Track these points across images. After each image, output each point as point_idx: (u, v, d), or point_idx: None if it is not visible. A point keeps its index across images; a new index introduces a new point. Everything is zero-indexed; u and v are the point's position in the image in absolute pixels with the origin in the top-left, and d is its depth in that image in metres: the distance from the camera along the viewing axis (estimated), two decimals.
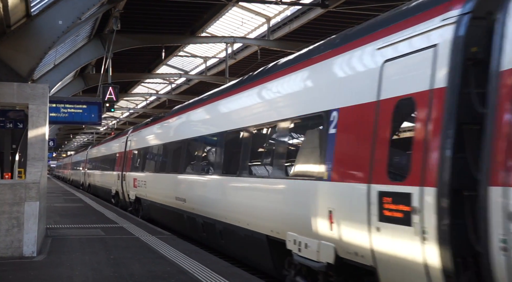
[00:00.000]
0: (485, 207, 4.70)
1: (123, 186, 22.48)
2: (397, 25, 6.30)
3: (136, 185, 19.70)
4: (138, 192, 19.41)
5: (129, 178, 21.24)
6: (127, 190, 21.65)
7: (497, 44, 4.92)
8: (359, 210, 6.08)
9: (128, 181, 21.33)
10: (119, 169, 23.73)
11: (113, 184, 25.24)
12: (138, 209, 19.91)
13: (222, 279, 8.12)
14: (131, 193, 20.66)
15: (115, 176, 24.57)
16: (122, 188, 22.81)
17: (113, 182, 25.11)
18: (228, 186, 10.75)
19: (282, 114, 8.53)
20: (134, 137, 21.66)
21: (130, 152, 21.92)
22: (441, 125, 5.20)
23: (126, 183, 21.70)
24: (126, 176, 21.76)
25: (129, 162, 21.75)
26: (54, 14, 12.12)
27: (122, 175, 22.64)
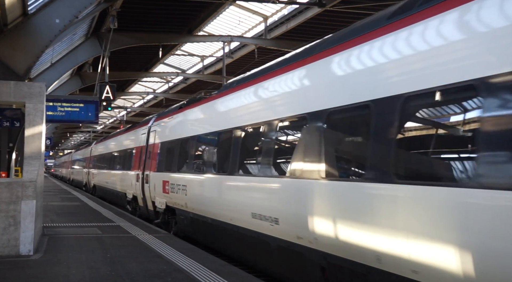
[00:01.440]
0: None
1: (144, 190, 17.54)
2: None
3: (167, 190, 14.47)
4: (172, 200, 14.26)
5: (154, 180, 16.13)
6: (151, 195, 16.55)
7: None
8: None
9: (154, 184, 16.21)
10: (137, 168, 18.85)
11: (128, 187, 20.47)
12: (169, 222, 15.14)
13: (219, 277, 8.14)
14: (159, 200, 15.46)
15: (132, 177, 19.68)
16: (143, 193, 17.82)
17: (129, 184, 20.27)
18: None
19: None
20: (162, 127, 16.59)
21: (155, 146, 16.74)
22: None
23: (150, 187, 16.65)
24: (150, 177, 16.70)
25: (153, 159, 16.64)
26: (51, 12, 12.13)
27: (143, 176, 17.70)
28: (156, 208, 15.94)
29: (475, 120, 4.69)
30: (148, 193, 16.89)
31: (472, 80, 4.60)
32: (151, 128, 17.84)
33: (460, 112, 5.02)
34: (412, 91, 5.29)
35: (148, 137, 17.96)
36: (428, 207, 5.00)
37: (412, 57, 5.45)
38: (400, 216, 5.30)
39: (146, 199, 17.34)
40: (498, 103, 4.39)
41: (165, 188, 14.76)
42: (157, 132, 16.90)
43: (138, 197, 18.49)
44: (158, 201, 15.66)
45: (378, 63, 5.99)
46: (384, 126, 5.61)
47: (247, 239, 9.51)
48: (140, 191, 18.08)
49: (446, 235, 4.75)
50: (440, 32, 5.16)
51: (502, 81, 4.33)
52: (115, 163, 24.98)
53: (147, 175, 17.09)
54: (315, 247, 6.91)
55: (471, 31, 4.79)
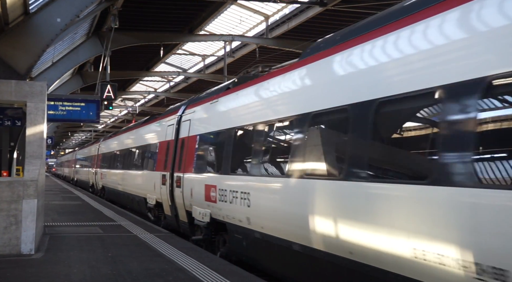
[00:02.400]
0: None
1: (174, 195, 13.95)
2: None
3: (213, 198, 10.90)
4: (221, 212, 10.60)
5: (191, 184, 12.55)
6: (185, 203, 13.05)
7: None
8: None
9: (190, 189, 12.54)
10: (162, 168, 15.27)
11: (150, 191, 16.70)
12: (213, 241, 11.66)
13: (220, 277, 8.14)
14: (199, 210, 11.78)
15: (155, 179, 15.96)
16: (171, 199, 14.18)
17: (151, 188, 16.56)
18: None
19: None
20: (200, 115, 12.83)
21: (190, 139, 13.09)
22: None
23: (184, 192, 12.99)
24: (185, 180, 13.02)
25: (189, 156, 13.03)
26: (52, 11, 12.13)
27: (173, 178, 14.11)
28: (194, 220, 12.17)
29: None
30: (181, 200, 13.17)
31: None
32: (183, 118, 14.14)
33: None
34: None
35: (178, 129, 14.33)
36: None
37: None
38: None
39: (177, 208, 13.74)
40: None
41: (209, 194, 11.07)
42: (193, 122, 13.10)
43: (164, 204, 14.96)
44: (197, 211, 11.90)
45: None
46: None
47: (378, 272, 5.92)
48: (167, 197, 14.37)
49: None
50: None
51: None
52: (130, 161, 21.24)
53: (179, 177, 13.35)
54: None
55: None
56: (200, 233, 12.20)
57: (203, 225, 11.67)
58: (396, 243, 5.51)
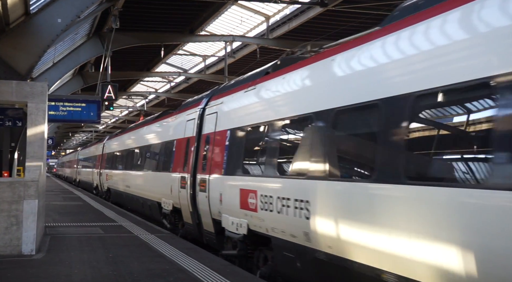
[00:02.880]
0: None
1: (197, 200, 12.05)
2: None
3: (252, 205, 8.99)
4: (263, 223, 8.72)
5: (221, 188, 10.65)
6: (211, 210, 11.11)
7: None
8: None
9: (219, 194, 10.66)
10: (181, 168, 13.46)
11: (165, 194, 14.87)
12: (250, 257, 9.78)
13: (220, 277, 8.13)
14: (232, 219, 9.93)
15: (172, 181, 14.13)
16: (193, 205, 12.33)
17: (166, 191, 14.65)
18: None
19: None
20: (230, 106, 10.94)
21: (217, 135, 11.24)
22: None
23: (211, 197, 11.10)
24: (211, 182, 11.16)
25: (216, 155, 11.15)
26: (53, 12, 12.13)
27: (194, 180, 12.29)
28: (225, 231, 10.33)
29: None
30: (206, 206, 11.32)
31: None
32: (207, 111, 12.22)
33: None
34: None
35: (201, 124, 12.44)
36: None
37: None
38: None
39: (201, 215, 11.87)
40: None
41: (246, 201, 9.20)
42: (221, 115, 11.20)
43: (184, 210, 13.15)
44: (228, 221, 10.09)
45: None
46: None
47: None
48: (187, 202, 12.60)
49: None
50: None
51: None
52: (141, 161, 19.39)
53: (204, 179, 11.52)
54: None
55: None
56: (231, 246, 10.21)
57: (237, 238, 9.66)
58: None
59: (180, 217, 13.90)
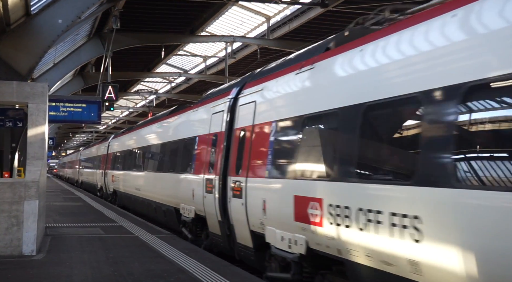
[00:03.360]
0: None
1: (229, 209, 10.07)
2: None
3: (312, 217, 7.19)
4: (334, 242, 6.75)
5: (263, 194, 8.75)
6: (249, 220, 9.22)
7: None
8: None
9: (262, 201, 8.66)
10: (206, 170, 11.60)
11: (185, 199, 13.02)
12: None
13: (221, 278, 8.14)
14: (284, 234, 7.97)
15: (194, 184, 12.31)
16: (222, 214, 10.47)
17: (186, 196, 12.84)
18: None
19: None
20: (276, 91, 8.96)
21: (258, 129, 9.27)
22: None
23: (248, 205, 9.22)
24: (248, 187, 9.29)
25: (256, 154, 9.21)
26: (54, 13, 12.14)
27: (225, 184, 10.39)
28: (271, 248, 8.30)
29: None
30: (242, 215, 9.37)
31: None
32: (241, 101, 10.23)
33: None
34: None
35: (232, 116, 10.54)
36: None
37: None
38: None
39: (235, 226, 9.95)
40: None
41: (304, 212, 7.28)
42: (261, 105, 9.26)
43: (210, 219, 11.25)
44: (276, 235, 8.13)
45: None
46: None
47: None
48: (215, 209, 10.71)
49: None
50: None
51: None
52: (153, 161, 17.74)
53: (240, 182, 9.54)
54: None
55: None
56: (278, 267, 8.45)
57: (291, 258, 7.68)
58: None
59: (204, 226, 11.99)
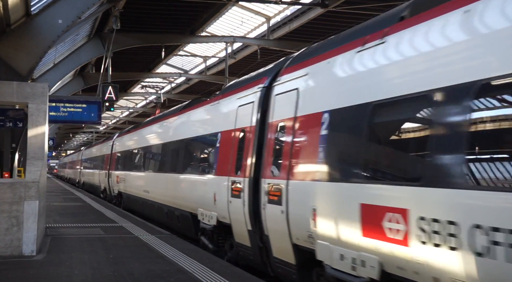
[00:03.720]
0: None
1: (264, 217, 8.59)
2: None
3: (391, 233, 5.56)
4: (425, 268, 5.13)
5: (309, 200, 7.20)
6: (291, 231, 7.75)
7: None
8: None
9: (309, 208, 7.15)
10: (231, 171, 10.10)
11: (205, 204, 11.49)
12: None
13: (221, 278, 8.13)
14: (345, 252, 6.39)
15: (216, 187, 10.87)
16: (252, 221, 9.07)
17: (206, 200, 11.33)
18: None
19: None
20: (328, 75, 7.39)
21: (303, 121, 7.77)
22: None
23: (288, 212, 7.76)
24: (293, 191, 7.68)
25: (299, 151, 7.73)
26: (54, 13, 12.14)
27: (257, 187, 8.91)
28: (327, 268, 6.82)
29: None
30: (282, 225, 7.88)
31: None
32: (277, 89, 8.73)
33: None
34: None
35: (265, 107, 9.07)
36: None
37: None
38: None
39: (270, 236, 8.47)
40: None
41: (378, 225, 5.79)
42: (306, 92, 7.81)
43: (236, 227, 9.76)
44: (333, 253, 6.62)
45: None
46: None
47: None
48: (244, 216, 9.21)
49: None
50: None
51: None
52: (166, 161, 16.06)
53: (278, 186, 8.05)
54: None
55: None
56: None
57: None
58: None
59: (228, 235, 10.56)
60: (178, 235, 14.03)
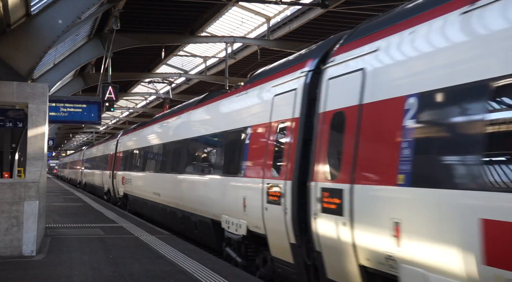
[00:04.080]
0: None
1: (315, 230, 7.02)
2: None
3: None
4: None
5: (389, 210, 5.57)
6: (356, 250, 6.14)
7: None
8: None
9: (389, 222, 5.52)
10: (267, 172, 8.73)
11: (231, 211, 10.20)
12: None
13: (221, 279, 8.13)
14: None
15: (245, 191, 9.56)
16: (295, 234, 7.68)
17: (233, 206, 10.06)
18: None
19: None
20: (416, 49, 5.67)
21: (378, 109, 6.07)
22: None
23: (353, 226, 6.17)
24: (360, 200, 6.11)
25: (370, 149, 6.17)
26: (54, 13, 12.13)
27: (306, 193, 7.34)
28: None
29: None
30: (346, 242, 6.36)
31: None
32: (329, 72, 7.24)
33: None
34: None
35: (310, 96, 7.82)
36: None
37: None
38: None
39: (323, 253, 6.97)
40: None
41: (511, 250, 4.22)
42: (377, 74, 6.22)
43: (274, 238, 8.40)
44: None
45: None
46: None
47: None
48: (286, 227, 7.84)
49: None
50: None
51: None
52: (181, 160, 14.29)
53: (336, 191, 6.57)
54: None
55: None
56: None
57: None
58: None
59: (261, 247, 9.25)
60: (178, 235, 14.03)
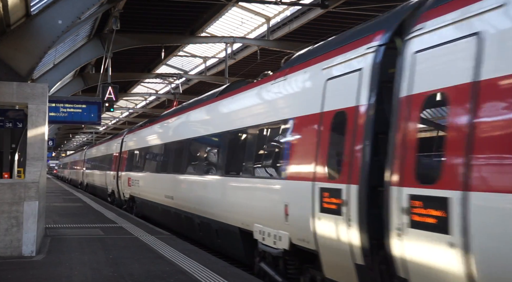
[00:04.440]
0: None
1: (404, 255, 5.31)
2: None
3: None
4: None
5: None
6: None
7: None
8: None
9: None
10: (320, 174, 7.10)
11: (267, 219, 8.67)
12: None
13: (221, 279, 8.13)
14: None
15: (290, 196, 7.87)
16: (364, 250, 6.07)
17: (270, 214, 8.53)
18: None
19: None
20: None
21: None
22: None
23: (471, 256, 4.50)
24: (477, 219, 4.47)
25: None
26: (54, 13, 12.13)
27: (367, 200, 6.06)
28: None
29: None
30: (457, 269, 4.69)
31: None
32: (414, 45, 5.60)
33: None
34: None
35: (382, 78, 6.24)
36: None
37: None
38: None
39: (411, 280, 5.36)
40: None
41: None
42: (502, 42, 4.52)
43: (330, 256, 6.91)
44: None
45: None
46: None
47: None
48: (349, 244, 6.34)
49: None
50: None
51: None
52: (200, 160, 13.05)
53: (435, 201, 4.94)
54: None
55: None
56: None
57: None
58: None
59: (307, 263, 7.76)
60: (178, 235, 14.03)
